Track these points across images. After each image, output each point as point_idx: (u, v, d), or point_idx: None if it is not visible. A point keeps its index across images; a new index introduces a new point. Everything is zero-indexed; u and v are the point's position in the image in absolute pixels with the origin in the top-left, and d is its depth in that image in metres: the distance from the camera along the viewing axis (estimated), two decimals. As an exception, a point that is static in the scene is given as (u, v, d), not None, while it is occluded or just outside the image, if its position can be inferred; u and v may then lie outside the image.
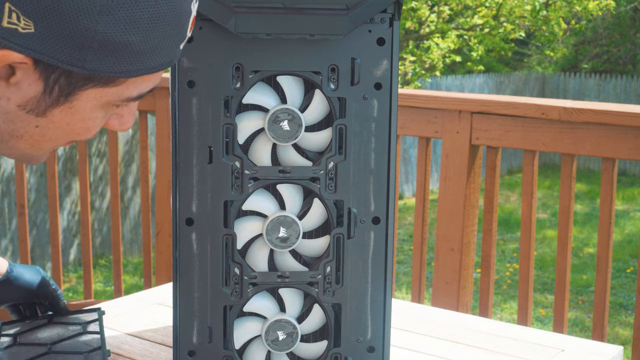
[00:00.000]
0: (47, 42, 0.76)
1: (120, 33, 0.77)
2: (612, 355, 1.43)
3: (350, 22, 1.11)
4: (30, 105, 0.81)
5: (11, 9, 0.74)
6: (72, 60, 0.77)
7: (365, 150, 1.17)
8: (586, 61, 13.18)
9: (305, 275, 1.20)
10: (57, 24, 0.75)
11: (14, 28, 0.75)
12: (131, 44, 0.78)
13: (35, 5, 0.74)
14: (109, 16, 0.76)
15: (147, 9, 0.78)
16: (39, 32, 0.75)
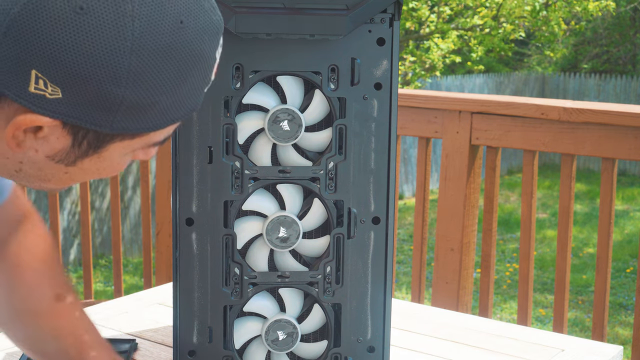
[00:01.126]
0: (74, 107, 0.76)
1: (147, 95, 0.77)
2: (611, 355, 1.43)
3: (350, 22, 1.11)
4: (59, 156, 0.81)
5: (38, 75, 0.74)
6: (100, 122, 0.77)
7: (365, 150, 1.18)
8: (586, 61, 13.18)
9: (305, 275, 1.20)
10: (85, 91, 0.75)
11: (41, 94, 0.75)
12: (158, 103, 0.78)
13: (61, 73, 0.74)
14: (135, 81, 0.76)
15: (173, 69, 0.77)
16: (67, 98, 0.75)
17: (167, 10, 0.75)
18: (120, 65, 0.74)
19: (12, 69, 0.74)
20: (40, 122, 0.76)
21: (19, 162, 0.82)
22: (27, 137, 0.78)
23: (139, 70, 0.75)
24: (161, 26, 0.75)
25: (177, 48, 0.76)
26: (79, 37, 0.72)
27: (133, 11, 0.74)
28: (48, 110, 0.75)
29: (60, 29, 0.72)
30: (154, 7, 0.75)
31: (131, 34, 0.74)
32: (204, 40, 0.79)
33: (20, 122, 0.76)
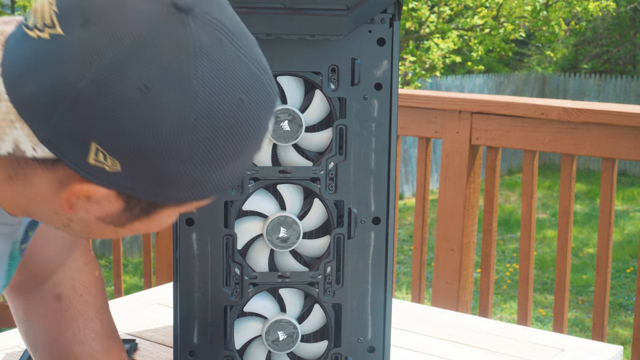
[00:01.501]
0: (132, 180, 0.76)
1: (204, 171, 0.78)
2: (611, 355, 1.43)
3: (350, 22, 1.11)
4: (109, 218, 0.82)
5: (98, 148, 0.74)
6: (156, 194, 0.78)
7: (366, 150, 1.18)
8: (586, 61, 13.18)
9: (306, 275, 1.20)
10: (144, 166, 0.75)
11: (100, 166, 0.75)
12: (214, 176, 0.79)
13: (122, 148, 0.74)
14: (194, 158, 0.76)
15: (231, 146, 0.78)
16: (125, 171, 0.75)
17: (229, 89, 0.76)
18: (181, 143, 0.74)
19: (72, 139, 0.74)
20: (96, 192, 0.77)
21: (68, 219, 0.83)
22: (79, 200, 0.79)
23: (199, 147, 0.75)
24: (222, 105, 0.75)
25: (237, 125, 0.77)
26: (142, 115, 0.73)
27: (197, 91, 0.74)
28: (105, 181, 0.76)
29: (124, 106, 0.72)
30: (216, 86, 0.75)
31: (194, 113, 0.74)
32: (262, 115, 0.79)
33: (77, 191, 0.77)
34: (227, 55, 0.76)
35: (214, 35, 0.75)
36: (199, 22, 0.75)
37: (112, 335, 1.15)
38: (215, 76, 0.75)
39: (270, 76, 0.81)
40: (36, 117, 0.74)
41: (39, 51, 0.74)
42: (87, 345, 1.12)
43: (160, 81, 0.73)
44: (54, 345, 1.12)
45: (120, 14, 0.74)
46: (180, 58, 0.73)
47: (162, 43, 0.73)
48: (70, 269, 1.15)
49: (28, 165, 0.79)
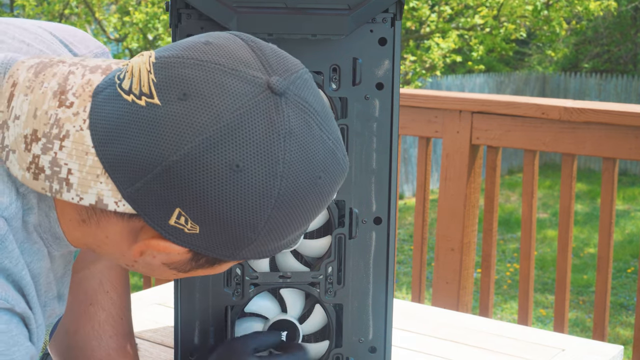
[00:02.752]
0: (207, 242, 0.80)
1: (275, 240, 0.82)
2: (612, 355, 1.43)
3: (352, 22, 1.11)
4: (174, 265, 0.86)
5: (181, 213, 0.78)
6: (227, 254, 0.83)
7: (367, 150, 1.17)
8: (587, 61, 13.18)
9: (307, 275, 1.20)
10: (222, 232, 0.79)
11: (180, 228, 0.79)
12: (283, 242, 0.84)
13: (205, 216, 0.78)
14: (270, 229, 0.80)
15: (305, 216, 0.83)
16: (203, 235, 0.79)
17: (310, 169, 0.80)
18: (260, 217, 0.79)
19: (157, 203, 0.78)
20: (172, 249, 0.81)
21: (134, 261, 0.87)
22: (152, 251, 0.83)
23: (276, 220, 0.80)
24: (302, 184, 0.80)
25: (311, 201, 0.82)
26: (229, 191, 0.77)
27: (283, 172, 0.78)
28: (181, 241, 0.80)
29: (214, 182, 0.76)
30: (300, 167, 0.79)
31: (277, 192, 0.78)
32: (334, 188, 0.84)
33: (153, 245, 0.81)
34: (312, 137, 0.80)
35: (303, 118, 0.80)
36: (291, 105, 0.79)
37: (129, 334, 1.17)
38: (300, 158, 0.79)
39: (344, 149, 0.85)
40: (123, 176, 0.77)
41: (134, 116, 0.77)
42: (104, 340, 1.13)
43: (251, 161, 0.77)
44: (72, 337, 1.14)
45: (219, 92, 0.77)
46: (272, 140, 0.77)
47: (257, 124, 0.77)
48: (101, 265, 1.17)
49: (103, 214, 0.82)
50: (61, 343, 1.15)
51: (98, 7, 7.80)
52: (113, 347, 1.15)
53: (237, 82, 0.77)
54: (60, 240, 0.87)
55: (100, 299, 1.15)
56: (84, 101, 0.79)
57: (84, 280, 1.15)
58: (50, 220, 0.85)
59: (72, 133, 0.78)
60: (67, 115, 0.79)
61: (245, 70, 0.78)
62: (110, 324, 1.15)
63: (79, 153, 0.78)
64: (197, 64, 0.78)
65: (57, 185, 0.79)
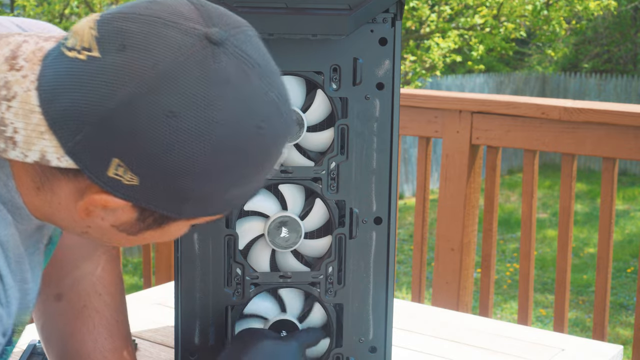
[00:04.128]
0: (148, 194, 0.81)
1: (217, 190, 0.82)
2: (611, 355, 1.43)
3: (352, 22, 1.11)
4: (123, 227, 0.87)
5: (119, 164, 0.79)
6: (169, 208, 0.83)
7: (367, 150, 1.17)
8: (587, 61, 13.18)
9: (307, 275, 1.20)
10: (160, 182, 0.80)
11: (118, 179, 0.80)
12: (227, 195, 0.84)
13: (142, 165, 0.78)
14: (209, 178, 0.80)
15: (246, 169, 0.82)
16: (142, 186, 0.80)
17: (249, 117, 0.80)
18: (197, 165, 0.79)
19: (95, 153, 0.79)
20: (113, 202, 0.82)
21: (86, 226, 0.88)
22: (96, 209, 0.84)
23: (215, 168, 0.80)
24: (241, 132, 0.80)
25: (253, 151, 0.82)
26: (165, 137, 0.77)
27: (218, 118, 0.79)
28: (122, 193, 0.81)
29: (149, 128, 0.77)
30: (238, 114, 0.80)
31: (214, 138, 0.79)
32: (277, 142, 0.84)
33: (95, 200, 0.82)
34: (251, 87, 0.81)
35: (241, 68, 0.80)
36: (229, 55, 0.80)
37: (125, 337, 1.17)
38: (238, 105, 0.79)
39: (290, 106, 0.86)
40: (64, 131, 0.79)
41: (75, 71, 0.79)
42: (99, 343, 1.14)
43: (186, 108, 0.78)
44: (68, 341, 1.14)
45: (156, 42, 0.79)
46: (207, 87, 0.78)
47: (192, 72, 0.78)
48: (92, 265, 1.18)
49: (53, 176, 0.84)
50: (58, 348, 1.15)
51: (99, 7, 7.80)
52: (109, 349, 1.15)
53: (175, 33, 0.79)
54: (22, 211, 0.89)
55: (94, 301, 1.16)
56: (34, 65, 0.82)
57: (76, 283, 1.16)
58: (9, 189, 0.87)
59: (20, 94, 0.81)
60: (16, 78, 0.82)
61: (185, 23, 0.80)
62: (105, 326, 1.15)
63: (25, 112, 0.80)
64: (137, 18, 0.80)
65: (2, 144, 0.81)
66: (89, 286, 1.16)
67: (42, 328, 1.17)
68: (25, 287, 0.95)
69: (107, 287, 1.17)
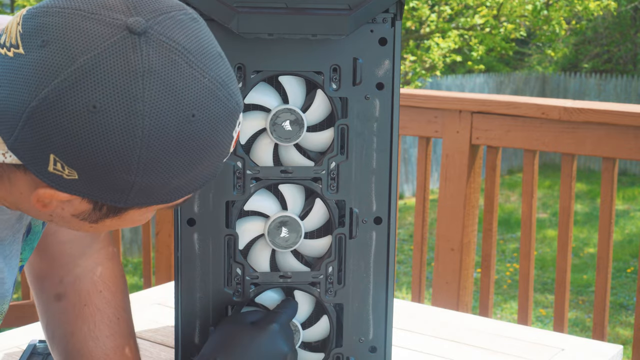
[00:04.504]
0: (90, 187, 0.81)
1: (158, 180, 0.81)
2: (611, 355, 1.43)
3: (352, 22, 1.11)
4: (82, 216, 0.86)
5: (55, 159, 0.78)
6: (115, 199, 0.82)
7: (367, 150, 1.18)
8: (586, 61, 13.18)
9: (307, 275, 1.20)
10: (98, 175, 0.79)
11: (58, 174, 0.80)
12: (170, 184, 0.82)
13: (76, 160, 0.78)
14: (145, 170, 0.80)
15: (183, 158, 0.81)
16: (82, 180, 0.80)
17: (178, 106, 0.79)
18: (130, 158, 0.78)
19: (33, 151, 0.79)
20: (59, 197, 0.82)
21: (49, 215, 0.88)
22: (52, 201, 0.84)
23: (149, 160, 0.79)
24: (171, 122, 0.79)
25: (187, 140, 0.80)
26: (92, 132, 0.77)
27: (144, 110, 0.77)
28: (65, 187, 0.81)
29: (74, 124, 0.77)
30: (165, 104, 0.78)
31: (141, 131, 0.77)
32: (217, 128, 0.82)
33: (41, 195, 0.83)
34: (179, 74, 0.79)
35: (166, 56, 0.79)
36: (152, 44, 0.78)
37: (128, 335, 1.17)
38: (164, 95, 0.78)
39: (231, 90, 0.83)
40: (4, 128, 0.79)
41: (4, 68, 0.79)
42: (100, 341, 1.14)
43: (108, 101, 0.77)
44: (70, 339, 1.14)
45: (75, 36, 0.78)
46: (128, 79, 0.77)
47: (112, 65, 0.77)
48: (91, 262, 1.17)
49: (9, 169, 0.84)
50: (61, 346, 1.15)
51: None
52: (111, 347, 1.15)
53: (95, 25, 0.78)
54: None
55: (94, 299, 1.15)
56: None
57: (76, 281, 1.16)
58: None
59: None
60: None
61: (106, 13, 0.79)
62: (106, 324, 1.15)
63: None
64: (58, 12, 0.79)
65: None
66: (90, 285, 1.16)
67: (46, 327, 1.17)
68: (1, 277, 0.95)
69: (108, 285, 1.17)
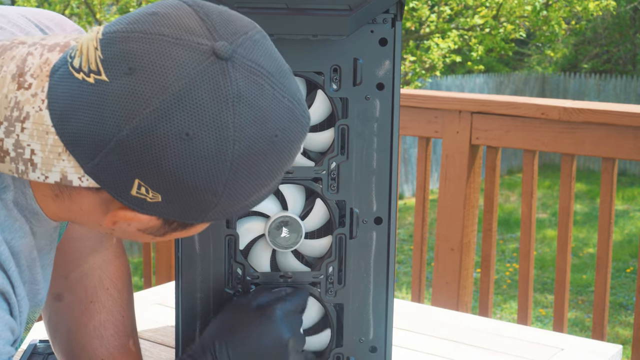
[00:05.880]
0: (172, 209, 0.82)
1: (239, 200, 0.83)
2: (610, 354, 1.43)
3: (352, 22, 1.11)
4: (150, 230, 0.87)
5: (140, 184, 0.79)
6: (194, 217, 0.84)
7: (368, 150, 1.18)
8: (586, 61, 13.18)
9: (308, 275, 1.20)
10: (183, 199, 0.80)
11: (142, 198, 0.80)
12: (249, 200, 0.85)
13: (163, 185, 0.79)
14: (230, 191, 0.81)
15: (266, 175, 0.83)
16: (165, 202, 0.81)
17: (265, 129, 0.80)
18: (218, 181, 0.79)
19: (116, 175, 0.79)
20: (139, 218, 0.83)
21: (111, 230, 0.88)
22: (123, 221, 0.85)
23: (235, 182, 0.81)
24: (257, 145, 0.80)
25: (269, 159, 0.82)
26: (183, 159, 0.77)
27: (235, 136, 0.78)
28: (146, 210, 0.82)
29: (165, 151, 0.77)
30: (253, 129, 0.79)
31: (231, 155, 0.79)
32: (295, 145, 0.84)
33: (120, 216, 0.83)
34: (264, 97, 0.80)
35: (252, 80, 0.79)
36: (238, 69, 0.79)
37: (131, 333, 1.17)
38: (252, 120, 0.79)
39: (303, 106, 0.85)
40: (81, 152, 0.79)
41: (85, 94, 0.78)
42: (105, 339, 1.14)
43: (200, 129, 0.77)
44: (74, 336, 1.14)
45: (164, 63, 0.77)
46: (220, 105, 0.78)
47: (203, 92, 0.77)
48: (100, 259, 1.17)
49: (73, 188, 0.84)
50: (64, 342, 1.15)
51: (99, 8, 7.80)
52: (115, 345, 1.15)
53: (182, 51, 0.78)
54: (39, 216, 0.89)
55: (101, 296, 1.15)
56: (41, 82, 0.81)
57: (83, 278, 1.16)
58: (27, 197, 0.87)
59: (32, 114, 0.80)
60: (26, 97, 0.80)
61: (190, 38, 0.78)
62: (111, 322, 1.15)
63: (39, 133, 0.80)
64: (141, 37, 0.78)
65: (22, 166, 0.81)
66: (97, 281, 1.16)
67: (49, 321, 1.17)
68: (36, 287, 0.95)
69: (114, 282, 1.17)
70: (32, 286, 0.93)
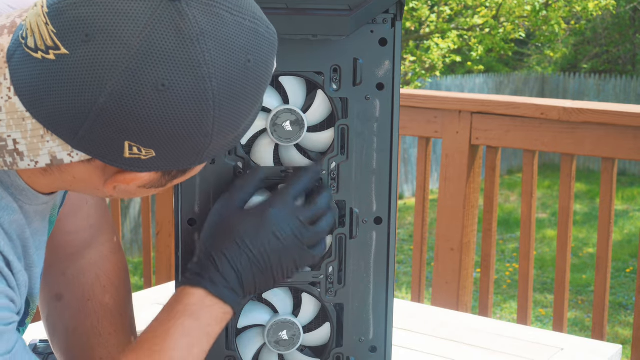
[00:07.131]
0: (168, 160, 0.82)
1: (230, 133, 0.83)
2: (610, 354, 1.43)
3: (352, 22, 1.11)
4: (150, 184, 0.87)
5: (131, 144, 0.79)
6: (190, 163, 0.84)
7: (368, 150, 1.18)
8: (586, 61, 13.18)
9: (308, 275, 1.21)
10: (176, 147, 0.80)
11: (136, 157, 0.80)
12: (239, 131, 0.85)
13: (153, 139, 0.79)
14: (221, 127, 0.81)
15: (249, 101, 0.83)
16: (160, 155, 0.80)
17: (235, 57, 0.79)
18: (206, 121, 0.79)
19: (105, 143, 0.78)
20: (139, 177, 0.83)
21: (110, 194, 0.88)
22: (123, 184, 0.84)
23: (222, 117, 0.80)
24: (233, 75, 0.79)
25: (249, 85, 0.81)
26: (166, 109, 0.77)
27: (209, 73, 0.78)
28: (143, 167, 0.81)
29: (147, 107, 0.76)
30: (224, 60, 0.78)
31: (211, 93, 0.78)
32: (269, 63, 0.84)
33: (122, 180, 0.83)
34: (226, 26, 0.79)
35: (209, 12, 0.78)
36: (193, 5, 0.78)
37: (130, 331, 1.16)
38: (221, 52, 0.78)
39: (265, 22, 0.84)
40: (65, 130, 0.78)
41: (50, 72, 0.77)
42: (103, 338, 1.13)
43: (174, 76, 0.76)
44: (72, 335, 1.13)
45: (118, 21, 0.76)
46: (186, 48, 0.77)
47: (166, 39, 0.76)
48: (96, 255, 1.16)
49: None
50: (63, 342, 1.15)
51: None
52: (113, 344, 1.14)
53: (132, 3, 0.76)
54: (27, 192, 0.88)
55: (98, 294, 1.14)
56: (0, 70, 0.79)
57: (80, 275, 1.15)
58: (10, 174, 0.87)
59: (2, 104, 0.79)
60: None
61: None
62: (109, 320, 1.14)
63: (16, 122, 0.79)
64: (88, 1, 0.77)
65: (9, 158, 0.80)
66: (94, 279, 1.15)
67: (47, 320, 1.16)
68: (35, 271, 0.94)
69: (111, 280, 1.16)
70: (30, 270, 0.93)
